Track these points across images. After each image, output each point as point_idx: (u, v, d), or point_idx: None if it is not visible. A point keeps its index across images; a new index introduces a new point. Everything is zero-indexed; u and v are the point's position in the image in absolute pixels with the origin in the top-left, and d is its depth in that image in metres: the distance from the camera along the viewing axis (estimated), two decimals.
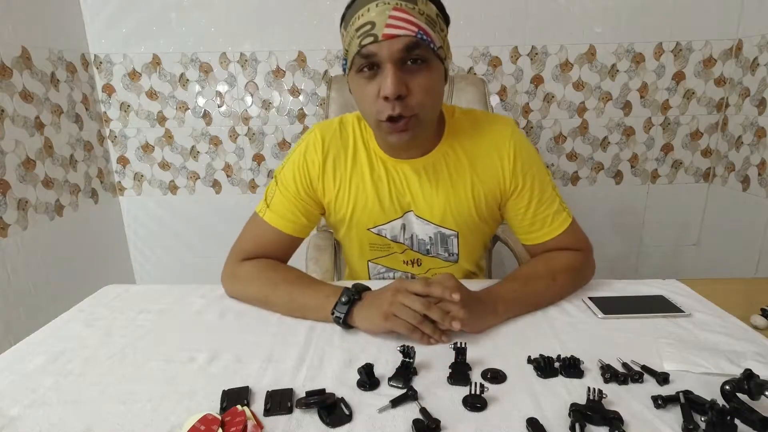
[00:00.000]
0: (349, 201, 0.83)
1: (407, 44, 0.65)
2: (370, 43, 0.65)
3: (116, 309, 0.78)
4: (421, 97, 0.69)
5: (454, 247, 0.87)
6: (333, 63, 1.72)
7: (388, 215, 0.84)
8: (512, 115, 1.79)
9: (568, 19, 1.67)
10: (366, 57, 0.67)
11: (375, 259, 0.91)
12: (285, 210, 0.83)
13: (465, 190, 0.82)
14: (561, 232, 0.82)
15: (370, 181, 0.82)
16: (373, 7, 0.65)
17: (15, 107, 1.37)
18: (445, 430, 0.48)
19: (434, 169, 0.81)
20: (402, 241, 0.87)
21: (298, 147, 0.85)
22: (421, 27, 0.65)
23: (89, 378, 0.59)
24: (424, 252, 0.88)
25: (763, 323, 0.69)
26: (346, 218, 0.85)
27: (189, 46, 1.70)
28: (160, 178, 1.86)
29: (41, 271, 1.47)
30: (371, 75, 0.68)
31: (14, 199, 1.37)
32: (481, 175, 0.81)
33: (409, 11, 0.65)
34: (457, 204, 0.82)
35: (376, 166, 0.82)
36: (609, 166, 1.85)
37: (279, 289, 0.75)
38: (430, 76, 0.69)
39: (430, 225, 0.84)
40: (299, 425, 0.49)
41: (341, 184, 0.83)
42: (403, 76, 0.67)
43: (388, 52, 0.65)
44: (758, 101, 1.62)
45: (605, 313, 0.72)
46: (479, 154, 0.81)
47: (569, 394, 0.53)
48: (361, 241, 0.88)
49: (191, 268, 1.94)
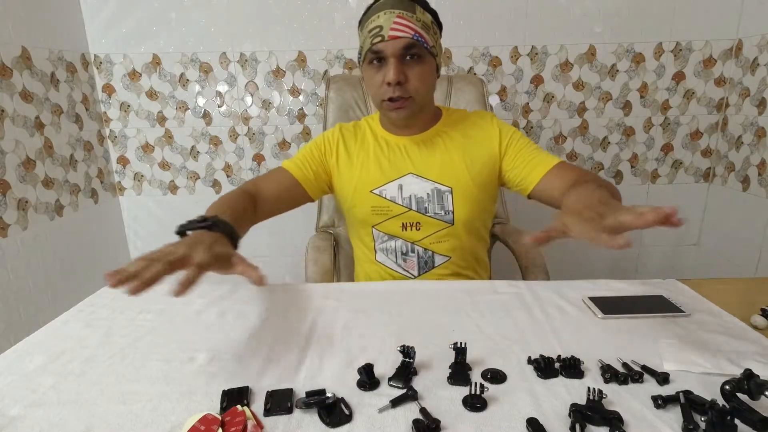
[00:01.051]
0: (356, 168, 1.00)
1: (406, 44, 0.86)
2: (378, 42, 0.86)
3: (116, 309, 0.78)
4: (416, 83, 0.89)
5: (449, 203, 0.97)
6: (333, 63, 1.72)
7: (388, 176, 0.98)
8: (512, 115, 1.79)
9: (568, 19, 1.67)
10: (375, 52, 0.88)
11: (377, 224, 1.00)
12: (299, 162, 1.01)
13: (458, 155, 0.98)
14: (555, 164, 0.92)
15: (373, 153, 1.00)
16: (382, 15, 0.86)
17: (15, 107, 1.37)
18: (445, 430, 0.48)
19: (431, 140, 1.00)
20: (400, 202, 0.97)
21: (321, 134, 1.06)
22: (417, 31, 0.86)
23: (89, 378, 0.59)
24: (423, 210, 0.97)
25: (763, 323, 0.69)
26: (352, 184, 1.00)
27: (189, 46, 1.70)
28: (160, 178, 1.86)
29: (41, 271, 1.47)
30: (378, 67, 0.90)
31: (14, 199, 1.37)
32: (472, 144, 0.99)
33: (409, 19, 0.86)
34: (451, 164, 0.97)
35: (380, 142, 1.02)
36: (609, 166, 1.85)
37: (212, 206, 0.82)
38: (423, 68, 0.90)
39: (428, 182, 0.97)
40: (299, 425, 0.49)
41: (351, 158, 1.01)
42: (402, 67, 0.87)
43: (391, 49, 0.86)
44: (758, 101, 1.62)
45: (605, 313, 0.72)
46: (469, 131, 1.00)
47: (569, 394, 0.53)
48: (365, 204, 0.99)
49: None
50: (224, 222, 0.69)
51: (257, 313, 0.76)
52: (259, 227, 0.91)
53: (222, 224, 0.68)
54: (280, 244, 1.90)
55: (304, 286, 0.89)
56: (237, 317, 0.75)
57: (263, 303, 0.80)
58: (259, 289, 0.86)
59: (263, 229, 0.89)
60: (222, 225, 0.68)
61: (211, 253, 0.58)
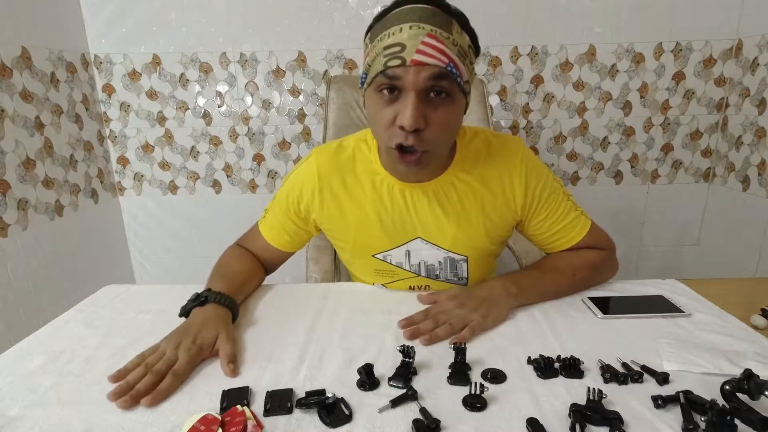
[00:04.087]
0: (351, 228, 0.82)
1: (434, 74, 0.62)
2: (396, 66, 0.62)
3: (116, 309, 0.78)
4: (438, 132, 0.67)
5: (464, 271, 0.85)
6: (333, 63, 1.72)
7: (394, 241, 0.82)
8: (512, 115, 1.79)
9: (568, 19, 1.67)
10: (390, 78, 0.64)
11: (383, 283, 0.89)
12: (274, 226, 0.87)
13: (477, 214, 0.80)
14: (582, 237, 0.82)
15: (373, 209, 0.80)
16: (406, 29, 0.62)
17: (15, 107, 1.37)
18: (445, 430, 0.48)
19: (444, 193, 0.79)
20: (408, 269, 0.84)
21: (295, 170, 0.85)
22: (451, 59, 0.63)
23: (89, 378, 0.59)
24: (434, 277, 0.86)
25: (763, 323, 0.69)
26: (348, 245, 0.85)
27: (189, 46, 1.70)
28: (160, 178, 1.86)
29: (41, 271, 1.47)
30: (391, 98, 0.66)
31: (14, 199, 1.37)
32: (492, 199, 0.79)
33: (443, 40, 0.62)
34: (469, 229, 0.80)
35: (379, 188, 0.80)
36: (609, 166, 1.85)
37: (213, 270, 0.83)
38: (451, 110, 0.67)
39: (441, 250, 0.82)
40: (299, 425, 0.49)
41: (341, 210, 0.82)
42: (423, 108, 0.64)
43: (413, 79, 0.62)
44: (758, 101, 1.62)
45: (605, 313, 0.72)
46: (491, 177, 0.79)
47: (569, 394, 0.53)
48: (367, 266, 0.87)
49: (191, 268, 1.94)
50: (215, 294, 0.72)
51: (257, 313, 0.76)
52: None
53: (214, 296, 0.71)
54: None
55: (304, 286, 0.89)
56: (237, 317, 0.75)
57: (263, 303, 0.80)
58: (259, 289, 0.86)
59: None
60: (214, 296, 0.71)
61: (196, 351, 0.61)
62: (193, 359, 0.60)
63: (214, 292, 0.72)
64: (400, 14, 0.64)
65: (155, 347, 0.63)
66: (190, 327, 0.66)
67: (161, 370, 0.58)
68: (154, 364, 0.59)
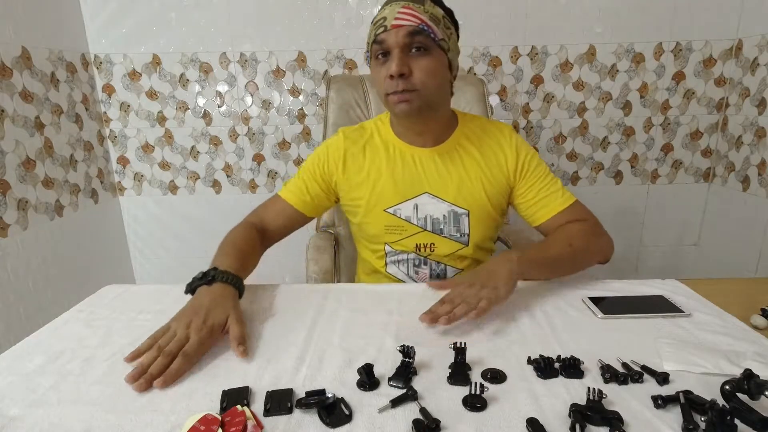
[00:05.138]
0: (367, 185, 0.94)
1: (410, 31, 0.79)
2: (381, 32, 0.81)
3: (116, 309, 0.78)
4: (422, 75, 0.81)
5: (466, 226, 0.94)
6: (333, 63, 1.72)
7: (403, 195, 0.93)
8: (512, 115, 1.79)
9: (568, 19, 1.67)
10: (379, 43, 0.82)
11: (392, 243, 0.97)
12: (297, 187, 0.96)
13: (475, 174, 0.93)
14: (567, 207, 0.92)
15: (386, 168, 0.93)
16: (388, 8, 0.82)
17: (15, 107, 1.37)
18: (445, 430, 0.48)
19: (449, 155, 0.93)
20: (415, 222, 0.94)
21: (323, 144, 0.99)
22: (423, 20, 0.80)
23: (89, 378, 0.58)
24: (438, 231, 0.94)
25: (763, 323, 0.69)
26: (363, 201, 0.95)
27: (189, 46, 1.70)
28: (160, 178, 1.86)
29: (41, 271, 1.47)
30: (383, 61, 0.83)
31: (14, 199, 1.37)
32: (489, 165, 0.94)
33: (415, 9, 0.80)
34: (469, 185, 0.93)
35: (392, 153, 0.94)
36: (609, 166, 1.85)
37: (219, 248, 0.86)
38: (430, 60, 0.82)
39: (444, 203, 0.93)
40: (299, 425, 0.49)
41: (360, 171, 0.95)
42: (406, 59, 0.81)
43: (394, 38, 0.80)
44: (758, 101, 1.62)
45: (605, 313, 0.72)
46: (486, 148, 0.94)
47: (569, 394, 0.53)
48: (378, 222, 0.95)
49: (191, 268, 1.92)
50: (222, 272, 0.74)
51: (257, 313, 0.76)
52: None
53: (221, 275, 0.74)
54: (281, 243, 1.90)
55: (304, 286, 0.89)
56: None
57: (263, 303, 0.80)
58: (260, 289, 0.86)
59: None
60: (221, 275, 0.74)
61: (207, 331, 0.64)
62: (203, 341, 0.62)
63: (220, 270, 0.74)
64: (387, 1, 0.84)
65: (166, 327, 0.65)
66: (199, 307, 0.67)
67: (172, 351, 0.60)
68: (166, 345, 0.61)
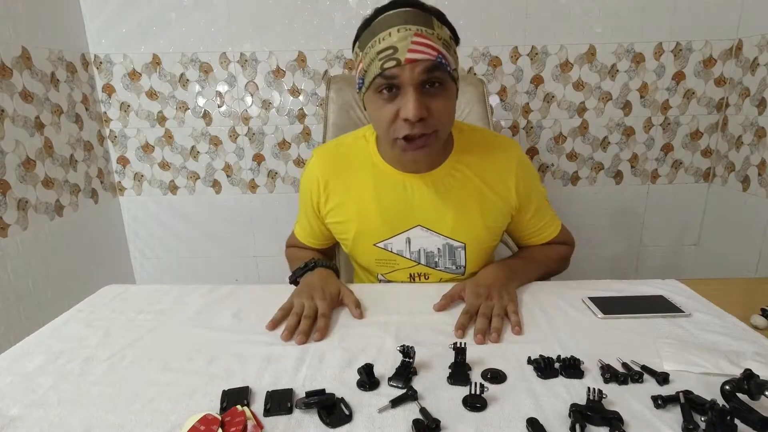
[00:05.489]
0: (353, 219, 0.88)
1: (427, 67, 0.69)
2: (392, 67, 0.69)
3: (116, 309, 0.78)
4: (440, 117, 0.73)
5: (462, 259, 0.89)
6: (333, 63, 1.72)
7: (393, 228, 0.87)
8: (512, 115, 1.79)
9: (568, 19, 1.67)
10: (388, 78, 0.70)
11: (384, 273, 0.93)
12: (302, 227, 0.99)
13: (473, 203, 0.85)
14: (554, 236, 0.96)
15: (373, 196, 0.85)
16: (394, 32, 0.69)
17: (15, 107, 1.37)
18: (445, 430, 0.48)
19: (443, 182, 0.85)
20: (408, 256, 0.89)
21: (303, 173, 0.95)
22: (439, 51, 0.70)
23: (89, 378, 0.59)
24: (432, 264, 0.89)
25: (763, 323, 0.69)
26: (350, 235, 0.89)
27: (189, 46, 1.70)
28: (160, 178, 1.86)
29: (41, 271, 1.47)
30: (390, 96, 0.72)
31: (14, 199, 1.37)
32: (491, 192, 0.86)
33: (429, 36, 0.69)
34: (467, 217, 0.86)
35: (380, 181, 0.85)
36: (609, 166, 1.85)
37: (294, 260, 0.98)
38: (447, 96, 0.74)
39: (439, 237, 0.87)
40: (299, 425, 0.49)
41: (344, 203, 0.88)
42: (423, 99, 0.71)
43: (410, 75, 0.69)
44: (758, 101, 1.62)
45: (605, 313, 0.72)
46: (488, 174, 0.86)
47: (569, 394, 0.53)
48: (368, 256, 0.91)
49: (191, 268, 1.94)
50: (321, 260, 0.85)
51: (257, 313, 0.76)
52: (260, 228, 0.91)
53: (320, 262, 0.85)
54: (281, 243, 1.90)
55: None
56: (236, 317, 0.75)
57: (263, 303, 0.80)
58: (259, 289, 0.86)
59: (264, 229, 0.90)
60: (321, 262, 0.84)
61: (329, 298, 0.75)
62: (330, 305, 0.73)
63: (319, 260, 0.85)
64: (386, 20, 0.70)
65: (290, 302, 0.74)
66: (313, 285, 0.77)
67: (310, 315, 0.69)
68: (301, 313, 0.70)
